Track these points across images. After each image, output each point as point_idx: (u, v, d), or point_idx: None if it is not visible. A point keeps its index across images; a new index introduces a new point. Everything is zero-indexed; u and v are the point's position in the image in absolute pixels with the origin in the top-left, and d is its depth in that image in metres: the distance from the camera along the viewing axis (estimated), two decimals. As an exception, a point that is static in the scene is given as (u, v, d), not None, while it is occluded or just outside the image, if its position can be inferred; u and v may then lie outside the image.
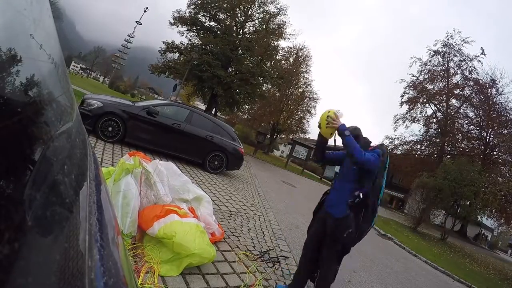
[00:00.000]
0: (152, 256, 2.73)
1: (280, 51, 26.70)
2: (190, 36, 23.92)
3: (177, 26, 23.32)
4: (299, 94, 35.50)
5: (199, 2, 22.54)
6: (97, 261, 0.44)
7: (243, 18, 24.08)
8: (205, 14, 23.28)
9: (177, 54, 23.77)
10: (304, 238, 5.72)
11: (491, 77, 27.31)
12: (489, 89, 27.43)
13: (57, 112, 0.48)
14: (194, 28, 23.49)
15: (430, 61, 30.72)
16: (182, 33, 23.79)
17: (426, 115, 31.17)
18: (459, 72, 29.42)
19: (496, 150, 26.27)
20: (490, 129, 26.74)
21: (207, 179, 7.26)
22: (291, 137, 34.95)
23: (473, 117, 28.61)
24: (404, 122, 31.45)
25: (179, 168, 6.98)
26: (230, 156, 8.49)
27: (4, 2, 0.34)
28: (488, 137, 26.86)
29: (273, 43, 24.36)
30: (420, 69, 31.19)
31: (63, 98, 0.54)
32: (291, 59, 35.00)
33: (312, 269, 3.18)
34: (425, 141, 30.54)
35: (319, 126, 2.97)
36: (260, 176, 11.65)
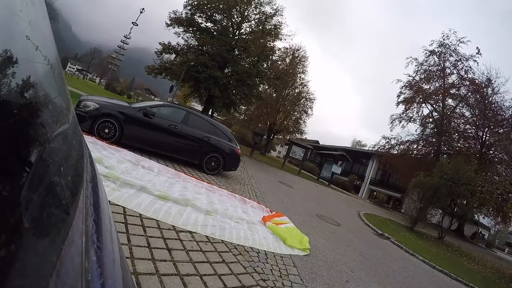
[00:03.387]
0: None
1: (277, 52, 26.71)
2: (187, 37, 23.91)
3: (174, 27, 23.29)
4: (295, 94, 35.64)
5: (195, 3, 22.51)
6: (94, 262, 0.44)
7: (240, 19, 24.07)
8: (201, 15, 23.25)
9: (173, 55, 23.77)
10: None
11: (487, 76, 27.50)
12: (485, 89, 27.55)
13: (53, 113, 0.48)
14: (191, 29, 23.45)
15: (426, 61, 30.89)
16: (179, 34, 23.78)
17: (422, 115, 31.31)
18: (455, 72, 29.60)
19: (492, 149, 26.37)
20: (486, 128, 26.86)
21: (204, 180, 7.25)
22: (288, 138, 35.00)
23: (469, 116, 28.74)
24: (400, 122, 31.58)
25: (176, 169, 7.00)
26: (227, 157, 8.48)
27: (0, 4, 0.34)
28: (484, 136, 26.98)
29: (270, 44, 24.36)
30: (416, 69, 31.37)
31: (59, 99, 0.54)
32: (287, 60, 35.13)
33: None
34: (421, 141, 30.62)
35: None
36: (257, 177, 11.65)
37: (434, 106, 30.50)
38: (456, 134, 29.31)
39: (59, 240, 0.38)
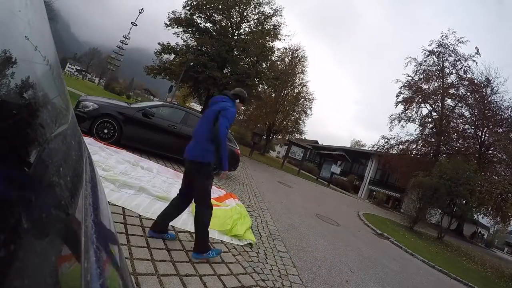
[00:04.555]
0: None
1: (276, 52, 26.68)
2: (186, 38, 23.90)
3: (173, 28, 23.27)
4: (294, 94, 35.69)
5: (194, 3, 22.50)
6: (93, 262, 0.44)
7: (239, 19, 24.07)
8: (200, 15, 23.24)
9: (172, 56, 23.74)
10: (300, 238, 5.73)
11: (486, 76, 27.47)
12: (484, 89, 27.54)
13: (52, 114, 0.48)
14: (190, 29, 23.44)
15: (425, 61, 30.79)
16: (178, 34, 23.78)
17: (421, 114, 31.24)
18: (454, 71, 29.52)
19: (492, 149, 26.35)
20: (485, 128, 26.83)
21: (204, 180, 7.24)
22: (287, 138, 34.99)
23: (468, 116, 28.67)
24: (399, 122, 31.52)
25: (175, 169, 6.99)
26: (227, 157, 8.45)
27: (-1, 4, 0.34)
28: (483, 136, 26.96)
29: (269, 44, 24.35)
30: (415, 69, 31.28)
31: (58, 100, 0.54)
32: (286, 60, 35.18)
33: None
34: (420, 141, 30.55)
35: None
36: (257, 177, 11.64)
37: (433, 106, 30.47)
38: (455, 134, 29.29)
39: (59, 241, 0.38)
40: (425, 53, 30.75)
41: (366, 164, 42.46)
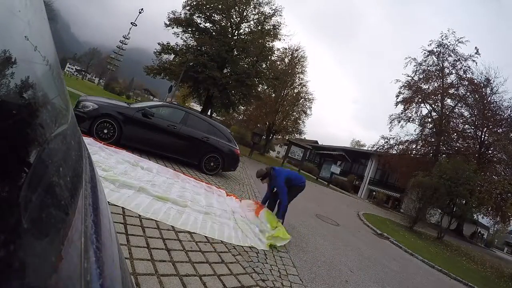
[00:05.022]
0: None
1: (276, 52, 26.66)
2: (186, 38, 23.91)
3: (172, 28, 23.27)
4: (294, 94, 35.69)
5: (194, 3, 22.49)
6: (93, 263, 0.44)
7: (238, 19, 24.07)
8: (200, 15, 23.23)
9: (172, 56, 23.73)
10: (300, 238, 5.73)
11: (485, 76, 27.45)
12: (483, 89, 27.52)
13: (52, 114, 0.48)
14: (190, 29, 23.44)
15: (425, 61, 30.75)
16: (178, 34, 23.78)
17: (421, 114, 31.20)
18: (453, 71, 29.47)
19: (491, 148, 26.32)
20: (485, 128, 26.78)
21: (203, 180, 7.24)
22: (287, 138, 34.98)
23: (468, 116, 28.61)
24: (399, 122, 31.49)
25: (175, 169, 6.99)
26: (226, 157, 8.46)
27: (-2, 4, 0.34)
28: (483, 136, 26.93)
29: (268, 44, 24.36)
30: (415, 69, 31.25)
31: (58, 100, 0.54)
32: (286, 60, 35.18)
33: None
34: (420, 141, 30.52)
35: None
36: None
37: (433, 106, 30.45)
38: (455, 134, 29.25)
39: (58, 241, 0.38)
40: (424, 53, 30.77)
41: (366, 164, 42.47)
